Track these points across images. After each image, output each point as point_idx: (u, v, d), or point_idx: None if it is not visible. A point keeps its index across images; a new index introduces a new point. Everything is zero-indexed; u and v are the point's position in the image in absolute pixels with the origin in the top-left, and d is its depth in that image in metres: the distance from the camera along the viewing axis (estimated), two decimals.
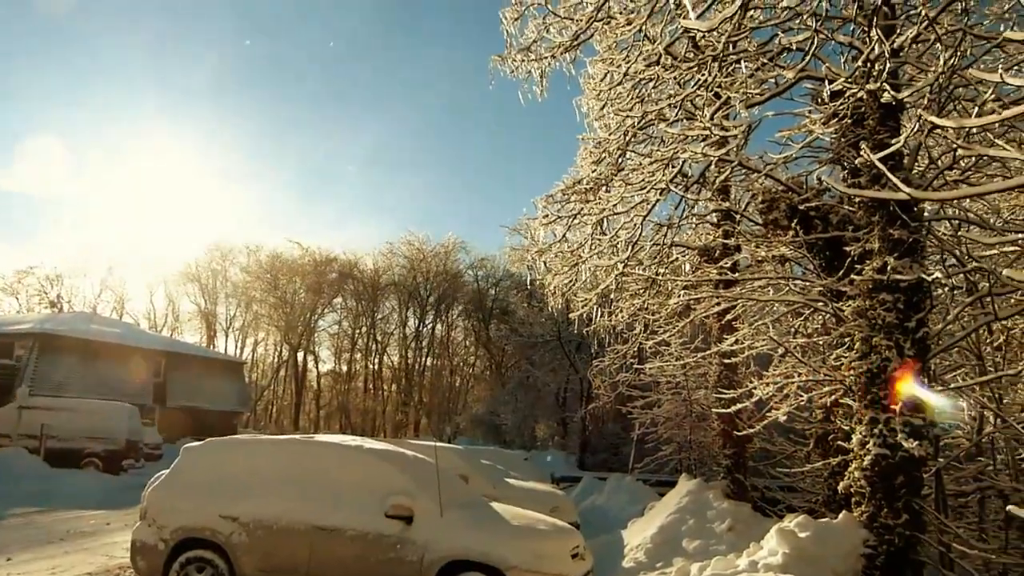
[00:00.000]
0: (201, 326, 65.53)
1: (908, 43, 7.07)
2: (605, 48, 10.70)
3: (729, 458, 14.94)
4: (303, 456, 9.09)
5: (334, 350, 66.34)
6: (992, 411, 9.87)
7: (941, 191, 8.03)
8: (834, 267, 9.70)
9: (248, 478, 8.90)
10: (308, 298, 61.18)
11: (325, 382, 67.67)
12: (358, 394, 64.38)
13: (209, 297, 65.16)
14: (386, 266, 63.13)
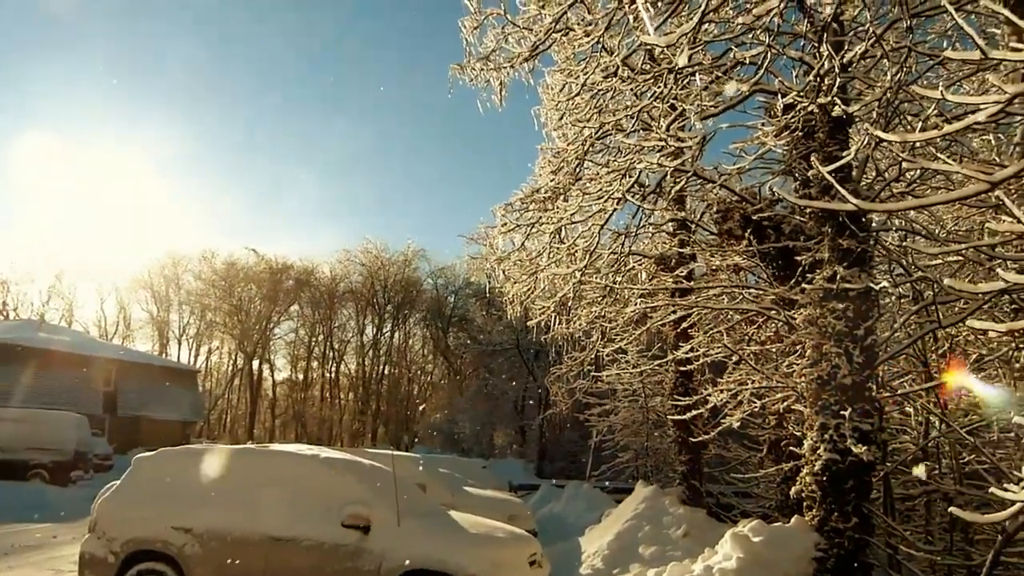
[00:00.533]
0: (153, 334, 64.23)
1: (856, 59, 7.28)
2: (563, 59, 10.81)
3: (685, 464, 15.12)
4: (258, 466, 8.99)
5: (290, 358, 65.56)
6: (937, 416, 10.14)
7: (888, 203, 8.26)
8: (786, 276, 9.92)
9: (202, 488, 8.77)
10: (264, 306, 60.39)
11: (281, 391, 66.81)
12: (314, 403, 63.68)
13: (162, 305, 63.92)
14: (343, 274, 62.64)
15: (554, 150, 11.71)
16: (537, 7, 10.14)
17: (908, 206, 4.89)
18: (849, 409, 7.93)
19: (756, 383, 10.17)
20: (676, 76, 8.52)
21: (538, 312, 12.64)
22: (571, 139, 11.08)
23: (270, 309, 60.62)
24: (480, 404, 42.52)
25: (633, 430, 20.74)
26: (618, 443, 21.72)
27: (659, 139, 8.86)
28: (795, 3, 7.89)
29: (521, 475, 31.29)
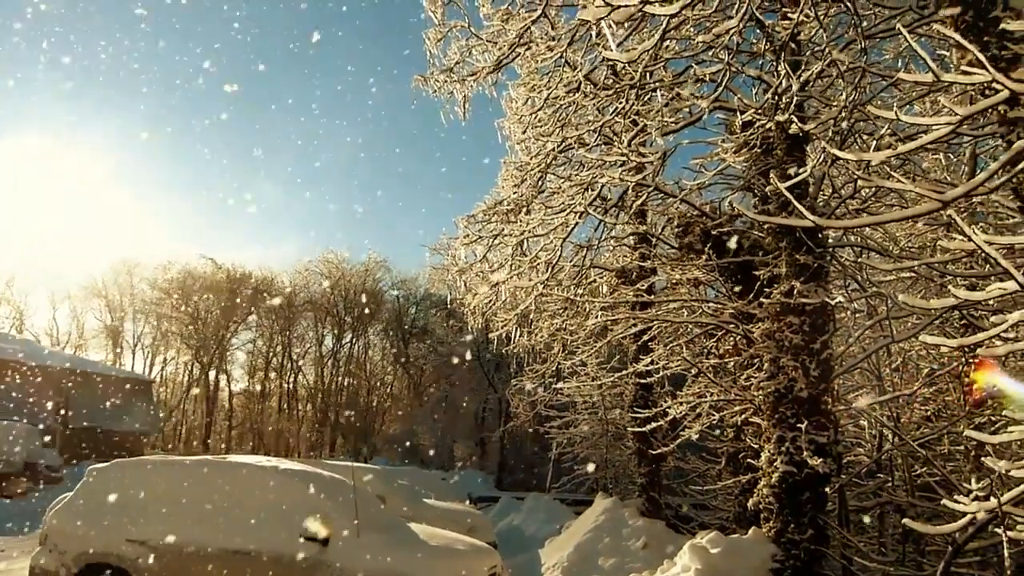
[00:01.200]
0: (107, 344, 62.88)
1: (813, 78, 7.43)
2: (527, 73, 10.86)
3: (644, 476, 15.21)
4: (215, 477, 8.84)
5: (248, 369, 64.57)
6: (890, 429, 10.35)
7: (844, 219, 8.44)
8: (745, 290, 10.05)
9: (157, 501, 8.60)
10: (221, 316, 59.47)
11: (238, 401, 65.75)
12: (272, 414, 62.78)
13: (116, 313, 62.63)
14: (303, 284, 62.01)
15: (517, 163, 11.75)
16: (501, 21, 10.19)
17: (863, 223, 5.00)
18: (805, 422, 8.06)
19: (715, 396, 10.28)
20: (638, 92, 8.61)
21: (500, 324, 12.64)
22: (534, 152, 11.13)
23: (228, 319, 59.74)
24: (440, 416, 42.34)
25: (593, 442, 20.81)
26: (578, 455, 21.77)
27: (621, 154, 8.94)
28: (754, 23, 8.04)
29: (481, 487, 31.19)
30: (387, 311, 60.26)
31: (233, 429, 63.14)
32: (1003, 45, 4.41)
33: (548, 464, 25.08)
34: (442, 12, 10.99)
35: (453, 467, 39.63)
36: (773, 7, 8.58)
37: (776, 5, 8.38)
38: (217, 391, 62.43)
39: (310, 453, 55.11)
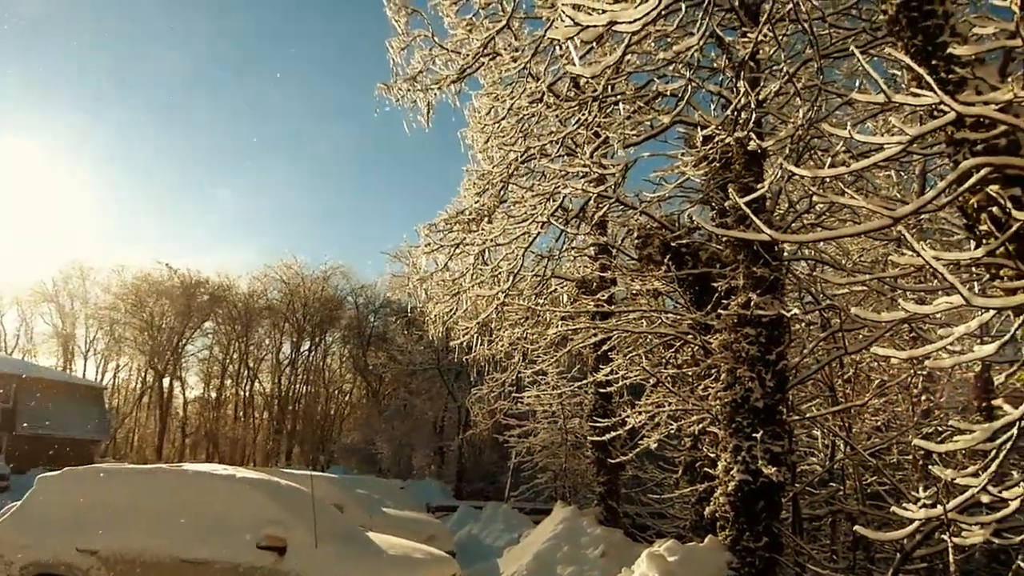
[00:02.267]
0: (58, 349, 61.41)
1: (771, 95, 7.61)
2: (490, 83, 10.93)
3: (603, 485, 15.31)
4: (169, 486, 8.70)
5: (203, 376, 63.48)
6: (843, 439, 10.57)
7: (799, 234, 8.64)
8: (703, 302, 10.22)
9: (109, 510, 8.43)
10: (176, 321, 58.40)
11: (192, 409, 64.61)
12: (227, 422, 61.78)
13: (67, 319, 61.21)
14: (261, 290, 61.24)
15: (479, 172, 11.81)
16: (465, 31, 10.26)
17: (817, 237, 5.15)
18: (761, 431, 8.21)
19: (673, 405, 10.42)
20: (600, 104, 8.73)
21: (460, 333, 12.66)
22: (497, 162, 11.19)
23: (183, 325, 58.71)
24: (399, 424, 42.05)
25: (552, 451, 20.87)
26: (537, 464, 21.81)
27: (583, 165, 9.05)
28: (714, 40, 8.21)
29: (440, 496, 31.04)
30: (346, 318, 59.74)
31: (187, 437, 62.04)
32: (950, 69, 4.57)
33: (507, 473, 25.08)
34: (406, 21, 11.02)
35: (411, 476, 39.40)
36: (733, 25, 8.77)
37: (736, 23, 8.56)
38: (171, 398, 61.33)
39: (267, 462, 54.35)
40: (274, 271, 61.01)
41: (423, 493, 29.10)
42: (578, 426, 18.82)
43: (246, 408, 62.71)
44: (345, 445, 49.10)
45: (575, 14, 3.03)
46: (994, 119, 4.13)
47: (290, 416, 59.34)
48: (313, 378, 61.63)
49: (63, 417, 39.06)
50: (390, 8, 10.95)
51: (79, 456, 36.10)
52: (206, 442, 59.71)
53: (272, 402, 61.00)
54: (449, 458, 40.10)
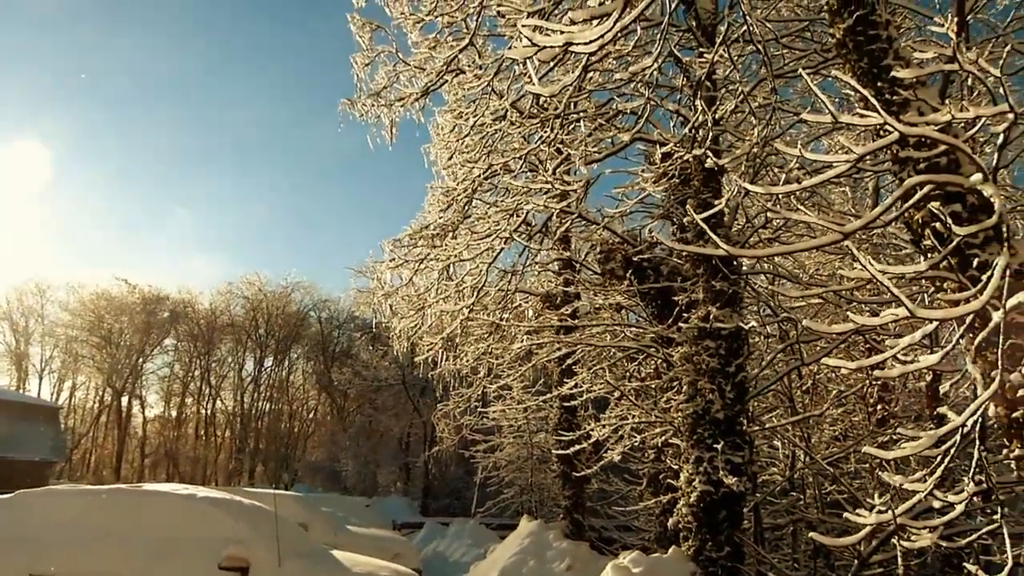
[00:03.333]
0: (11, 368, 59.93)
1: (728, 114, 7.81)
2: (454, 100, 11.04)
3: (568, 499, 15.39)
4: (127, 507, 8.59)
5: (163, 394, 62.39)
6: (802, 449, 10.78)
7: (756, 248, 8.84)
8: (665, 315, 10.38)
9: (65, 532, 8.30)
10: (136, 339, 57.40)
11: (152, 428, 63.44)
12: (188, 441, 60.78)
13: (21, 336, 59.83)
14: (223, 306, 60.45)
15: (443, 188, 11.89)
16: (429, 49, 10.37)
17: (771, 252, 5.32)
18: (722, 442, 8.36)
19: (636, 418, 10.55)
20: (562, 122, 8.88)
21: (425, 348, 12.69)
22: (461, 178, 11.29)
23: (143, 342, 57.72)
24: (364, 441, 41.75)
25: (518, 466, 20.92)
26: (503, 479, 21.84)
27: (545, 181, 9.18)
28: (673, 59, 8.41)
29: (406, 513, 30.87)
30: (310, 334, 59.23)
31: (147, 457, 60.90)
32: (894, 90, 4.78)
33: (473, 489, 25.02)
34: (370, 37, 11.11)
35: (377, 493, 39.11)
36: (691, 45, 8.98)
37: (694, 43, 8.78)
38: (130, 417, 60.17)
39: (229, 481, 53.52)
40: (236, 287, 60.33)
41: (389, 510, 28.93)
42: (544, 440, 18.90)
43: (208, 427, 61.75)
44: (309, 463, 48.63)
45: (532, 35, 3.13)
46: (935, 139, 4.32)
47: (253, 434, 58.57)
48: (276, 395, 60.93)
49: (16, 438, 38.12)
50: (353, 24, 11.03)
51: (33, 478, 35.22)
52: (166, 462, 58.64)
53: (234, 420, 60.15)
54: (415, 474, 39.90)
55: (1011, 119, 3.99)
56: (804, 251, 8.86)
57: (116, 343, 56.96)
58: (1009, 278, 4.15)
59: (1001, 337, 4.03)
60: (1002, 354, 4.15)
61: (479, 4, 9.18)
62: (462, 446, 23.85)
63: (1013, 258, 4.33)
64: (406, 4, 10.19)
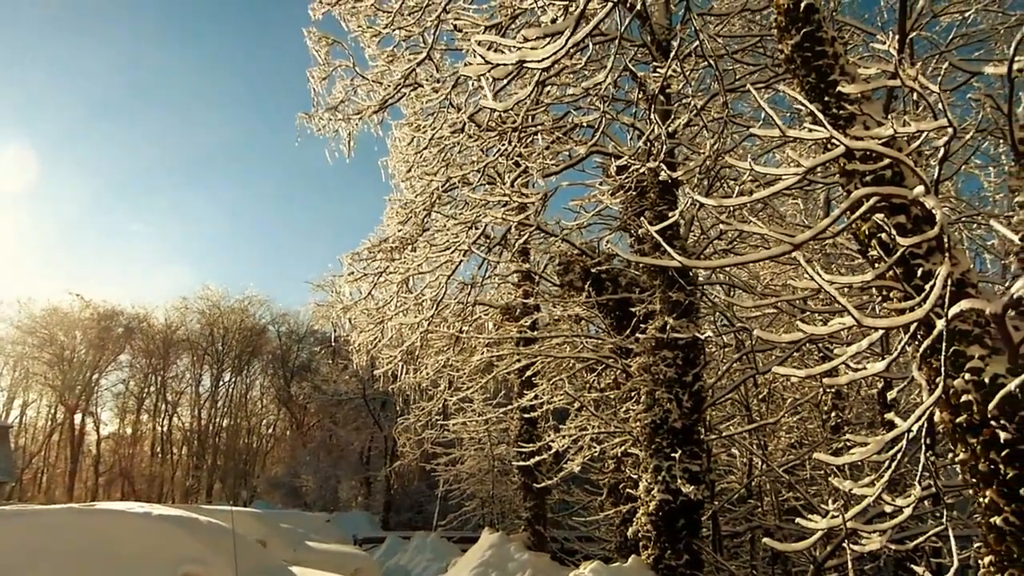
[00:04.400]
0: None
1: (682, 127, 7.94)
2: (412, 113, 11.05)
3: (529, 511, 15.39)
4: (79, 527, 8.39)
5: (118, 411, 61.04)
6: (759, 457, 10.94)
7: (711, 259, 8.98)
8: (623, 326, 10.47)
9: (14, 555, 8.06)
10: (90, 355, 56.17)
11: (106, 446, 61.95)
12: (144, 459, 59.55)
13: None
14: (179, 321, 59.45)
15: (402, 201, 11.88)
16: (386, 63, 10.37)
17: (725, 263, 5.42)
18: (679, 451, 8.45)
19: (596, 428, 10.60)
20: (520, 135, 8.94)
21: (385, 361, 12.63)
22: (419, 191, 11.29)
23: (97, 358, 56.50)
24: (324, 456, 41.32)
25: (479, 478, 20.89)
26: (465, 492, 21.78)
27: (504, 194, 9.23)
28: (628, 74, 8.52)
29: (367, 528, 30.56)
30: (269, 349, 58.52)
31: (101, 476, 59.51)
32: (841, 105, 4.91)
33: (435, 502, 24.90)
34: (326, 52, 11.08)
35: (337, 508, 38.70)
36: (646, 59, 9.12)
37: (648, 58, 8.91)
38: (83, 435, 58.77)
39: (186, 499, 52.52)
40: (192, 301, 59.38)
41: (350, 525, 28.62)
42: (505, 452, 18.90)
43: (164, 444, 60.55)
44: (269, 479, 47.93)
45: (486, 53, 3.17)
46: (880, 152, 4.45)
47: (211, 451, 57.60)
48: (235, 411, 60.01)
49: None
50: (310, 39, 11.00)
51: None
52: (121, 481, 57.38)
53: (192, 437, 59.10)
54: (376, 489, 39.59)
55: (951, 133, 4.13)
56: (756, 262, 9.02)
57: (69, 359, 55.70)
58: (951, 287, 4.29)
59: (944, 344, 4.15)
60: (945, 361, 4.28)
61: (436, 19, 9.21)
62: (423, 459, 23.75)
63: (955, 267, 4.47)
64: (363, 18, 10.19)
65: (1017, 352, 4.25)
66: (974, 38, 7.95)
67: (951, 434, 4.51)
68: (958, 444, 4.47)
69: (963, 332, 4.47)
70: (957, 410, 4.43)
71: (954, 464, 4.61)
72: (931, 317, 4.31)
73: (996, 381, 4.23)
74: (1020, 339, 4.22)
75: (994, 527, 4.25)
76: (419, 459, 25.21)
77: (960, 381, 4.40)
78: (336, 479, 41.03)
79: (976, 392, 4.32)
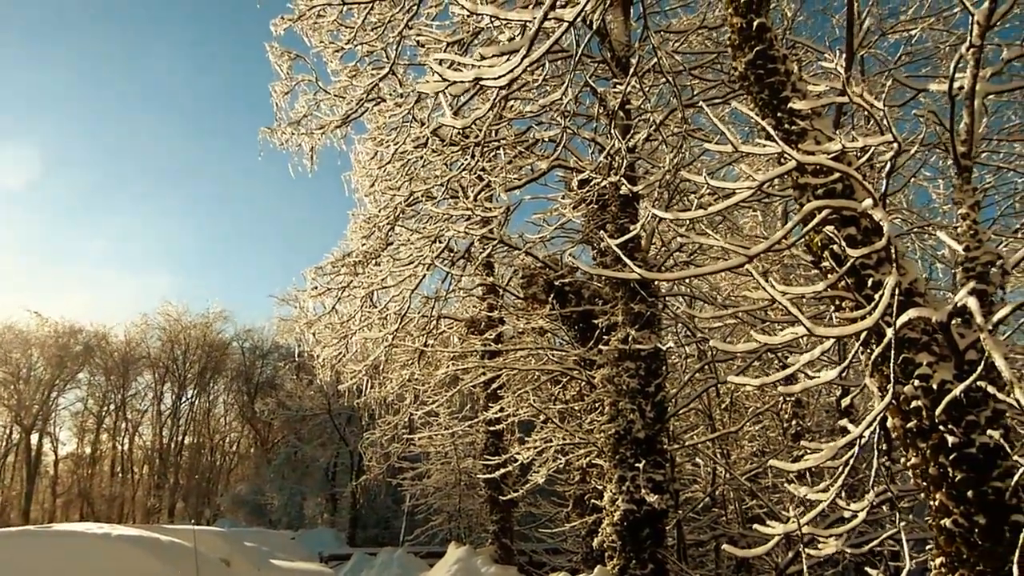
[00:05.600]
0: None
1: (642, 142, 8.07)
2: (375, 127, 11.07)
3: (496, 524, 15.39)
4: (37, 549, 8.27)
5: (76, 431, 59.82)
6: (722, 466, 11.08)
7: (673, 271, 9.11)
8: (587, 338, 10.56)
9: None
10: (47, 373, 55.00)
11: (64, 467, 60.62)
12: (103, 479, 58.36)
13: None
14: (140, 337, 58.48)
15: (365, 215, 11.87)
16: (349, 77, 10.39)
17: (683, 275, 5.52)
18: (643, 461, 8.54)
19: (561, 440, 10.66)
20: (483, 149, 9.02)
21: (350, 376, 12.58)
22: (382, 205, 11.30)
23: (54, 377, 55.34)
24: (289, 473, 40.84)
25: (446, 492, 20.84)
26: (432, 506, 21.70)
27: (467, 208, 9.29)
28: (589, 89, 8.65)
29: (333, 544, 30.27)
30: (232, 365, 57.79)
31: (58, 497, 58.20)
32: (793, 120, 5.05)
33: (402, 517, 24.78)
34: (288, 66, 11.06)
35: (303, 526, 38.26)
36: (606, 75, 9.26)
37: (609, 74, 9.05)
38: (40, 456, 57.44)
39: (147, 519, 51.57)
40: (153, 318, 58.47)
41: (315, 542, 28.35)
42: (471, 466, 18.89)
43: (124, 463, 59.44)
44: (233, 497, 47.22)
45: (442, 70, 3.23)
46: (830, 167, 4.59)
47: (173, 470, 56.65)
48: (198, 428, 59.14)
49: None
50: (272, 54, 10.97)
51: None
52: (80, 502, 56.17)
53: (153, 456, 58.08)
54: (342, 505, 39.21)
55: (896, 148, 4.28)
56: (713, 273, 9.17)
57: (25, 378, 54.48)
58: (899, 296, 4.42)
59: (893, 352, 4.28)
60: (895, 368, 4.41)
61: (398, 34, 9.27)
62: (390, 474, 23.63)
63: (903, 277, 4.62)
64: (325, 33, 10.20)
65: (963, 358, 4.39)
66: (920, 55, 8.23)
67: (903, 439, 4.64)
68: (910, 449, 4.61)
69: (912, 340, 4.60)
70: (908, 416, 4.57)
71: (907, 469, 4.74)
72: (881, 326, 4.44)
73: (944, 387, 4.37)
74: (965, 346, 4.37)
75: (944, 529, 4.38)
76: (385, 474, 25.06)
77: (910, 387, 4.53)
78: (301, 496, 40.59)
79: (925, 398, 4.46)
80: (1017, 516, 4.10)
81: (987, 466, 4.22)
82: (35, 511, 54.79)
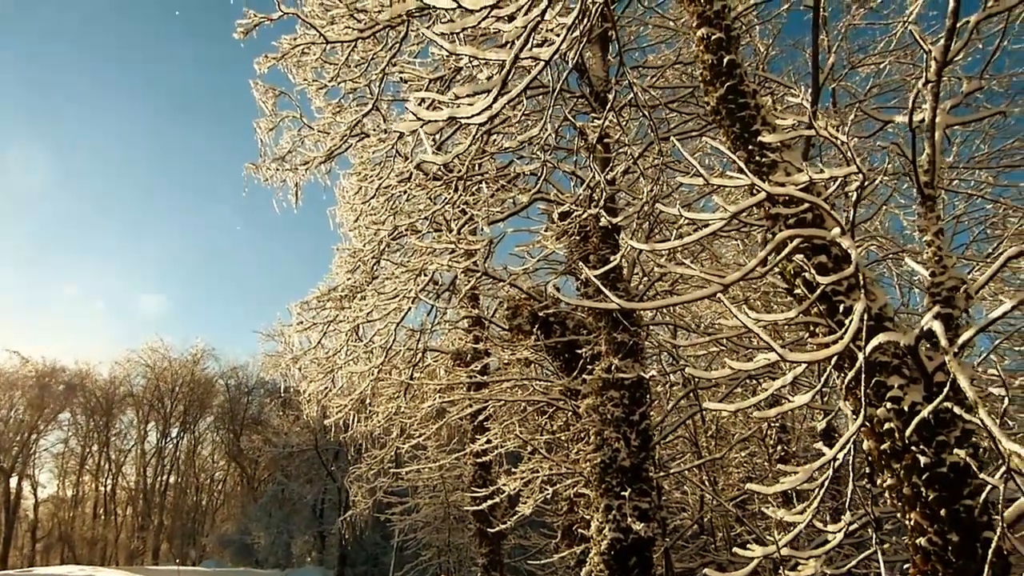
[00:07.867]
0: None
1: (620, 175, 8.25)
2: (359, 162, 11.21)
3: (485, 556, 15.34)
4: None
5: (58, 472, 58.99)
6: (709, 493, 11.14)
7: (655, 300, 9.25)
8: (571, 368, 10.66)
9: None
10: (28, 415, 54.34)
11: (44, 510, 59.65)
12: (85, 521, 57.49)
13: None
14: (124, 376, 58.00)
15: (350, 250, 11.97)
16: (333, 113, 10.55)
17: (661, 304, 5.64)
18: (629, 489, 8.60)
19: (548, 471, 10.70)
20: (465, 184, 9.18)
21: (336, 410, 12.60)
22: (367, 239, 11.40)
23: (35, 418, 54.67)
24: (276, 511, 40.40)
25: (435, 526, 20.73)
26: (421, 541, 21.56)
27: (451, 241, 9.42)
28: (569, 123, 8.85)
29: None
30: (218, 402, 57.34)
31: (38, 541, 57.19)
32: (763, 153, 5.22)
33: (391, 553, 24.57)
34: (273, 103, 11.21)
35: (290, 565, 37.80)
36: (585, 110, 9.47)
37: (588, 108, 9.26)
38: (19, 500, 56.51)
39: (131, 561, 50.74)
40: (137, 355, 58.04)
41: None
42: (460, 499, 18.84)
43: (107, 504, 58.60)
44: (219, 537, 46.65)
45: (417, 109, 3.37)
46: (799, 197, 4.75)
47: (157, 510, 55.91)
48: (183, 468, 58.49)
49: None
50: (257, 90, 11.12)
51: None
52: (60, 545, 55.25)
53: (137, 496, 57.33)
54: (330, 542, 38.78)
55: (861, 179, 4.45)
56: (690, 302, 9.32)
57: (4, 420, 53.79)
58: (869, 321, 4.57)
59: (864, 375, 4.41)
60: (867, 391, 4.54)
61: (381, 71, 9.44)
62: (378, 509, 23.48)
63: (872, 303, 4.77)
64: (309, 71, 10.38)
65: (932, 380, 4.52)
66: (889, 87, 8.49)
67: (878, 460, 4.75)
68: (885, 470, 4.72)
69: (883, 363, 4.74)
70: (882, 437, 4.68)
71: (883, 489, 4.85)
72: (852, 350, 4.57)
73: (914, 408, 4.50)
74: (933, 368, 4.51)
75: (920, 548, 4.48)
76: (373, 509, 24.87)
77: (883, 410, 4.66)
78: (289, 534, 40.12)
79: (897, 420, 4.58)
80: (988, 533, 4.21)
81: (958, 485, 4.34)
82: (14, 556, 53.77)
